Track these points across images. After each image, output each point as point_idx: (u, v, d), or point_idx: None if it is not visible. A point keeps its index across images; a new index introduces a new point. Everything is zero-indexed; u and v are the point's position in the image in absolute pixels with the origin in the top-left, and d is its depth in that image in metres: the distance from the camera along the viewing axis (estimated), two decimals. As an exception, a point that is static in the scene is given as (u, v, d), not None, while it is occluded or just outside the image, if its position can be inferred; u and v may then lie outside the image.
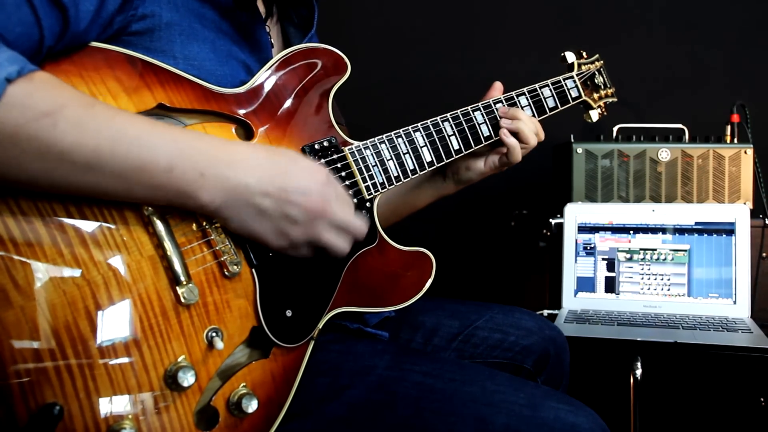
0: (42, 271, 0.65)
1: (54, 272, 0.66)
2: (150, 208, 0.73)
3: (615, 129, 1.83)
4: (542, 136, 1.12)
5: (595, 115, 1.26)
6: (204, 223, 0.78)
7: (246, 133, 0.85)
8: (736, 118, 1.80)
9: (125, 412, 0.68)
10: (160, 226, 0.73)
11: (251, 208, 0.76)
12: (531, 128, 1.08)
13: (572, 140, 1.76)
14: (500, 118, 1.09)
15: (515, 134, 1.08)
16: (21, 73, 0.62)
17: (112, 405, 0.68)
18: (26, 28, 0.66)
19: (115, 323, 0.69)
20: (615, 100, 1.29)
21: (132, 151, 0.68)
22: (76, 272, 0.67)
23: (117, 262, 0.70)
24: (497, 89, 1.13)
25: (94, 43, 0.75)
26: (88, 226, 0.69)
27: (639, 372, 1.19)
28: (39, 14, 0.67)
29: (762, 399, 1.32)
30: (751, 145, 1.72)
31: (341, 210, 0.82)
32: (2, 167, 0.63)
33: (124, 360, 0.69)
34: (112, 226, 0.71)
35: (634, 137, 1.79)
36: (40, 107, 0.63)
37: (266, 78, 0.88)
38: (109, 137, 0.67)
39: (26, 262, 0.65)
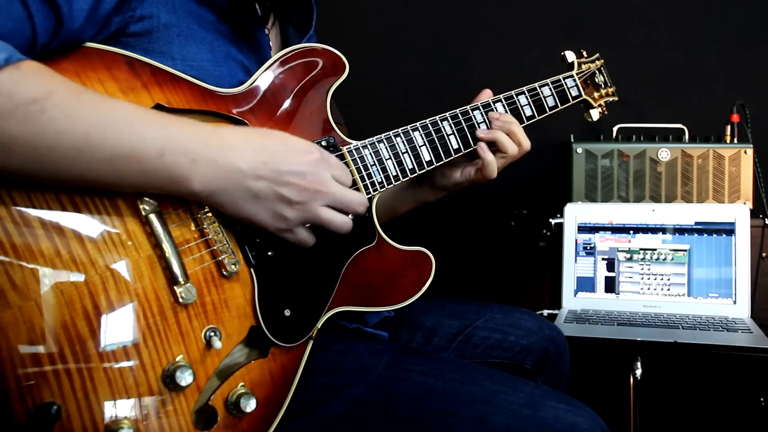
0: (39, 271, 0.65)
1: (51, 272, 0.66)
2: (147, 208, 0.73)
3: (615, 129, 1.83)
4: (526, 146, 1.07)
5: (595, 114, 1.26)
6: (204, 224, 0.78)
7: (244, 132, 0.85)
8: (736, 118, 1.80)
9: (123, 412, 0.68)
10: (157, 225, 0.73)
11: (245, 193, 0.76)
12: (510, 139, 1.05)
13: (572, 140, 1.76)
14: (485, 125, 1.06)
15: (493, 145, 1.05)
16: (9, 61, 0.62)
17: (110, 405, 0.68)
18: (18, 24, 0.66)
19: (113, 323, 0.69)
20: (616, 99, 1.29)
21: (122, 138, 0.68)
22: (74, 272, 0.67)
23: (115, 262, 0.70)
24: (486, 95, 1.10)
25: (92, 44, 0.75)
26: (85, 226, 0.69)
27: (639, 372, 1.18)
28: (31, 10, 0.67)
29: (762, 399, 1.32)
30: (751, 145, 1.72)
31: (337, 186, 0.82)
32: None
33: (122, 360, 0.69)
34: (110, 226, 0.71)
35: (634, 137, 1.79)
36: (27, 94, 0.63)
37: (264, 78, 0.88)
38: (98, 123, 0.67)
39: (23, 261, 0.65)
